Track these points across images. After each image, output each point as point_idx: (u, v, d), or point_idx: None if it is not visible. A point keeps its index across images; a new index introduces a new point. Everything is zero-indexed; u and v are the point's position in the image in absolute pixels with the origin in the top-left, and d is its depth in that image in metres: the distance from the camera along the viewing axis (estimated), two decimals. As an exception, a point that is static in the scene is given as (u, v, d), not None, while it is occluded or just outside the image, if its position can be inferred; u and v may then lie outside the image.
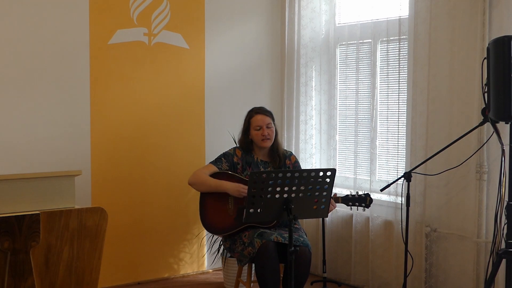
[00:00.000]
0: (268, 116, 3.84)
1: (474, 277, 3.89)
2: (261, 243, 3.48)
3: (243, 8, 5.03)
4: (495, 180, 3.69)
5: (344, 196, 3.74)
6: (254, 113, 3.85)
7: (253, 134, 3.81)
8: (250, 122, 3.84)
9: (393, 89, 4.34)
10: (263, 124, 3.79)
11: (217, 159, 3.84)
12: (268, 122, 3.80)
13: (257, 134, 3.79)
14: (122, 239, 4.49)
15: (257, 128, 3.79)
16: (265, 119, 3.80)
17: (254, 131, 3.80)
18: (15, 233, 2.39)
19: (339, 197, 3.73)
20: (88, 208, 2.60)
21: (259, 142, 3.80)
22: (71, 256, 2.56)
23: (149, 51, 4.56)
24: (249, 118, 3.86)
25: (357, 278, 4.55)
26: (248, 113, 3.90)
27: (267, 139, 3.78)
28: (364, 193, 3.75)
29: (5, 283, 2.39)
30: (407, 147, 4.21)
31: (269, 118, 3.83)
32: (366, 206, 3.74)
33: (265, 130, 3.78)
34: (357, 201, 3.73)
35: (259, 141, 3.80)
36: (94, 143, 4.37)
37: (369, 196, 3.73)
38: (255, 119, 3.82)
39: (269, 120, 3.82)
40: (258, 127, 3.79)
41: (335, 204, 3.69)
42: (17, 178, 2.53)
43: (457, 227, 3.99)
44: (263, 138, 3.77)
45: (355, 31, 4.54)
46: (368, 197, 3.72)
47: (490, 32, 3.74)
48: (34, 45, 4.10)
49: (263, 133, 3.77)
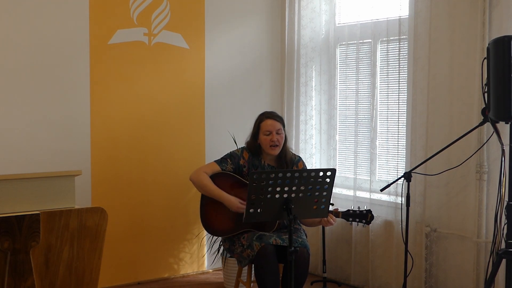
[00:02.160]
0: (279, 122, 3.74)
1: (474, 277, 3.89)
2: (260, 246, 3.47)
3: (243, 8, 5.03)
4: (495, 180, 3.69)
5: (345, 211, 3.66)
6: (264, 118, 3.75)
7: (262, 139, 3.72)
8: (260, 126, 3.74)
9: (393, 89, 4.33)
10: (273, 129, 3.70)
11: (223, 159, 3.77)
12: (278, 128, 3.71)
13: (266, 140, 3.70)
14: (122, 239, 4.49)
15: (266, 133, 3.70)
16: (275, 125, 3.71)
17: (263, 136, 3.71)
18: (15, 233, 2.39)
19: (340, 212, 3.66)
20: (88, 208, 2.60)
21: (267, 149, 3.71)
22: (71, 256, 2.56)
23: (149, 51, 4.56)
24: (259, 122, 3.76)
25: (357, 278, 4.55)
26: (258, 117, 3.81)
27: (275, 146, 3.69)
28: (365, 209, 3.65)
29: (5, 283, 2.39)
30: (407, 147, 4.21)
31: (279, 123, 3.74)
32: (367, 222, 3.64)
33: (274, 136, 3.69)
34: (358, 217, 3.64)
35: (267, 148, 3.71)
36: (94, 143, 4.37)
37: (370, 213, 3.63)
38: (265, 124, 3.72)
39: (280, 126, 3.73)
40: (268, 132, 3.70)
41: (335, 219, 3.60)
42: (17, 178, 2.53)
43: (457, 227, 3.99)
44: (272, 145, 3.68)
45: (355, 31, 4.54)
46: (369, 213, 3.62)
47: (490, 32, 3.74)
48: (34, 45, 4.10)
49: (272, 139, 3.68)
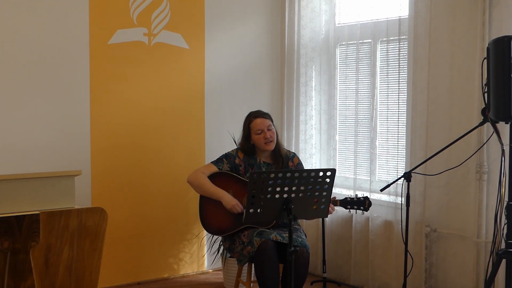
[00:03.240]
0: (268, 119, 3.79)
1: (474, 277, 3.89)
2: (261, 242, 3.48)
3: (243, 8, 5.03)
4: (495, 180, 3.69)
5: (343, 199, 3.70)
6: (253, 118, 3.79)
7: (255, 139, 3.76)
8: (250, 127, 3.78)
9: (393, 89, 4.33)
10: (263, 127, 3.74)
11: (219, 160, 3.82)
12: (268, 124, 3.76)
13: (259, 138, 3.74)
14: (122, 239, 4.49)
15: (258, 132, 3.74)
16: (265, 122, 3.76)
17: (256, 135, 3.75)
18: (15, 233, 2.39)
19: (338, 200, 3.69)
20: (88, 208, 2.60)
21: (262, 146, 3.75)
22: (71, 256, 2.56)
23: (149, 51, 4.56)
24: (249, 123, 3.79)
25: (357, 278, 4.55)
26: (246, 119, 3.84)
27: (270, 142, 3.74)
28: (363, 196, 3.68)
29: (5, 283, 2.39)
30: (407, 147, 4.21)
31: (268, 120, 3.79)
32: (365, 209, 3.67)
33: (266, 133, 3.73)
34: (355, 204, 3.68)
35: (262, 145, 3.74)
36: (94, 143, 4.37)
37: (368, 199, 3.66)
38: (255, 124, 3.76)
39: (269, 122, 3.78)
40: (260, 131, 3.74)
41: (334, 207, 3.65)
42: (17, 178, 2.52)
43: (457, 227, 3.99)
44: (266, 141, 3.73)
45: (355, 31, 4.54)
46: (367, 200, 3.66)
47: (490, 32, 3.74)
48: (34, 45, 4.10)
49: (265, 136, 3.72)
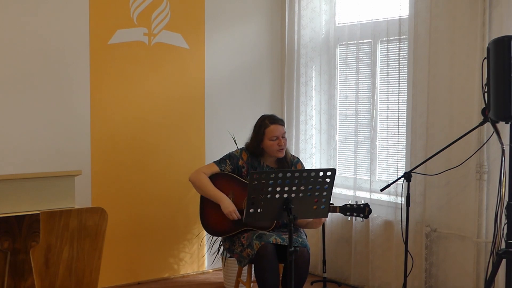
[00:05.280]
0: (283, 125, 3.76)
1: (474, 277, 3.89)
2: (260, 245, 3.47)
3: (243, 8, 5.03)
4: (495, 180, 3.69)
5: (342, 206, 3.65)
6: (269, 123, 3.73)
7: (268, 144, 3.71)
8: (265, 132, 3.72)
9: (393, 89, 4.33)
10: (279, 134, 3.70)
11: (222, 160, 3.79)
12: (283, 132, 3.73)
13: (273, 145, 3.70)
14: (122, 239, 4.49)
15: (273, 138, 3.70)
16: (281, 129, 3.72)
17: (269, 141, 3.70)
18: (15, 233, 2.39)
19: (337, 206, 3.65)
20: (88, 208, 2.60)
21: (274, 153, 3.72)
22: (71, 256, 2.56)
23: (149, 51, 4.56)
24: (264, 128, 3.73)
25: (357, 278, 4.55)
26: (261, 122, 3.77)
27: (282, 149, 3.72)
28: (362, 203, 3.64)
29: (5, 283, 2.39)
30: (407, 147, 4.21)
31: (283, 127, 3.75)
32: (365, 216, 3.64)
33: (281, 140, 3.70)
34: (355, 211, 3.63)
35: (274, 152, 3.71)
36: (94, 143, 4.37)
37: (368, 207, 3.62)
38: (270, 130, 3.71)
39: (284, 129, 3.75)
40: (275, 137, 3.70)
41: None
42: (17, 178, 2.52)
43: (457, 227, 3.99)
44: (279, 149, 3.71)
45: (355, 31, 4.54)
46: (367, 207, 3.62)
47: (490, 32, 3.74)
48: (34, 45, 4.10)
49: (280, 143, 3.69)
